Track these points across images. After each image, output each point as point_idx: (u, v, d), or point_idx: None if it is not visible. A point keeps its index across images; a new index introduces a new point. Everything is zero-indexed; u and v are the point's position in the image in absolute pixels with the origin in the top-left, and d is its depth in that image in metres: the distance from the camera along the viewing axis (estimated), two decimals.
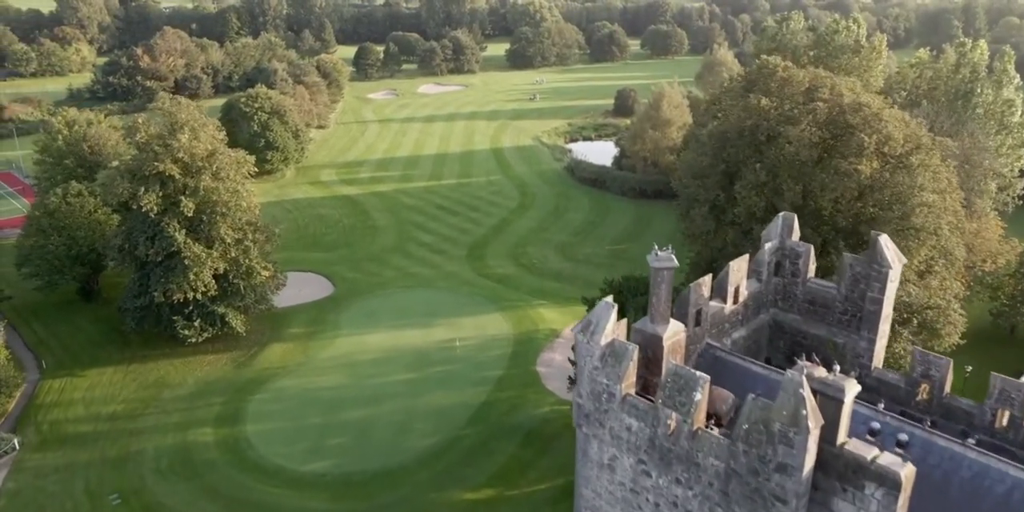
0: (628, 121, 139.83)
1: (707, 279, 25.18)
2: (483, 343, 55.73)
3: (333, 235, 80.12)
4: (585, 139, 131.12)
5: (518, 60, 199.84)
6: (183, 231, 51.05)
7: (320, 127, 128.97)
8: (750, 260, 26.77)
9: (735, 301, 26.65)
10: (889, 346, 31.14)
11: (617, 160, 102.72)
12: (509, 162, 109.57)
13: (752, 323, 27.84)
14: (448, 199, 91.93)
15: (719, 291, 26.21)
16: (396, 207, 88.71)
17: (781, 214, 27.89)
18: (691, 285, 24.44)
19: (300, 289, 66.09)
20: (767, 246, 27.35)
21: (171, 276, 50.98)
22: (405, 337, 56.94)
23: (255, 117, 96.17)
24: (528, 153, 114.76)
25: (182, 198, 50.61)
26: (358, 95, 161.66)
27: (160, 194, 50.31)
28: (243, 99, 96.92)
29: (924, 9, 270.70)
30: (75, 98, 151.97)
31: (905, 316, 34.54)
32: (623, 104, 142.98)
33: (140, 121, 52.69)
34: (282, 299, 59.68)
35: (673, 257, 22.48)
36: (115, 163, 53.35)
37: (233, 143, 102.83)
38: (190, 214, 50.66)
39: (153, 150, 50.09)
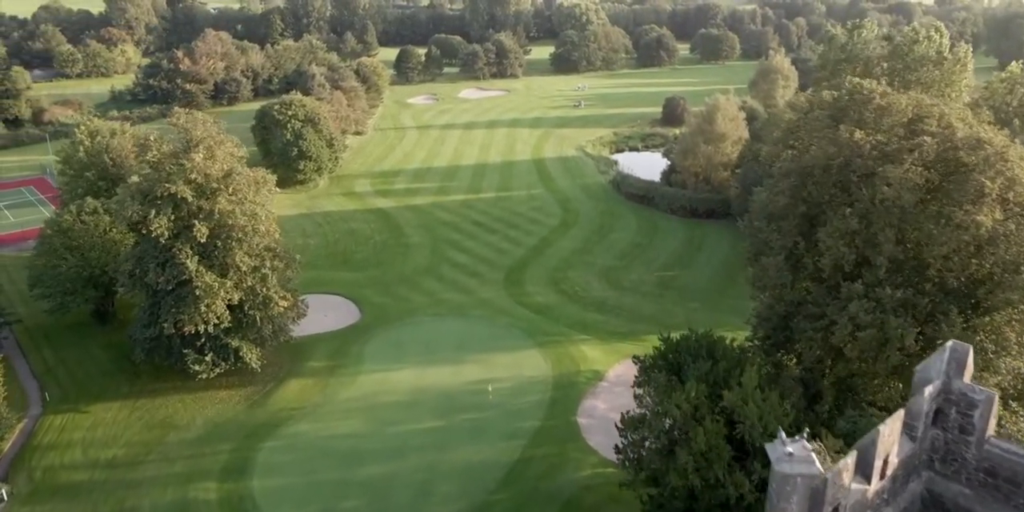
0: (677, 131, 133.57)
1: (850, 462, 18.57)
2: (518, 386, 50.54)
3: (364, 253, 75.80)
4: (631, 149, 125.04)
5: (563, 64, 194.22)
6: (195, 258, 47.01)
7: (357, 133, 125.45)
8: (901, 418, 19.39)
9: (882, 476, 19.92)
10: None
11: (666, 175, 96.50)
12: (551, 174, 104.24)
13: (900, 499, 20.85)
14: (486, 215, 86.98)
15: (862, 466, 19.28)
16: (431, 223, 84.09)
17: (949, 344, 21.29)
18: (829, 475, 17.72)
19: (325, 314, 61.84)
20: (927, 391, 20.32)
21: (182, 306, 47.02)
22: (433, 375, 52.08)
23: (288, 125, 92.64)
24: (572, 164, 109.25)
25: (195, 222, 46.56)
26: (398, 99, 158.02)
27: (172, 217, 46.32)
28: (277, 106, 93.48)
29: (992, 13, 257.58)
30: (117, 100, 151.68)
31: None
32: (672, 113, 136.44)
33: (152, 138, 48.86)
34: (305, 326, 55.31)
35: (813, 456, 16.25)
36: (134, 178, 49.50)
37: (266, 151, 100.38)
38: (203, 240, 46.57)
39: (166, 170, 46.13)
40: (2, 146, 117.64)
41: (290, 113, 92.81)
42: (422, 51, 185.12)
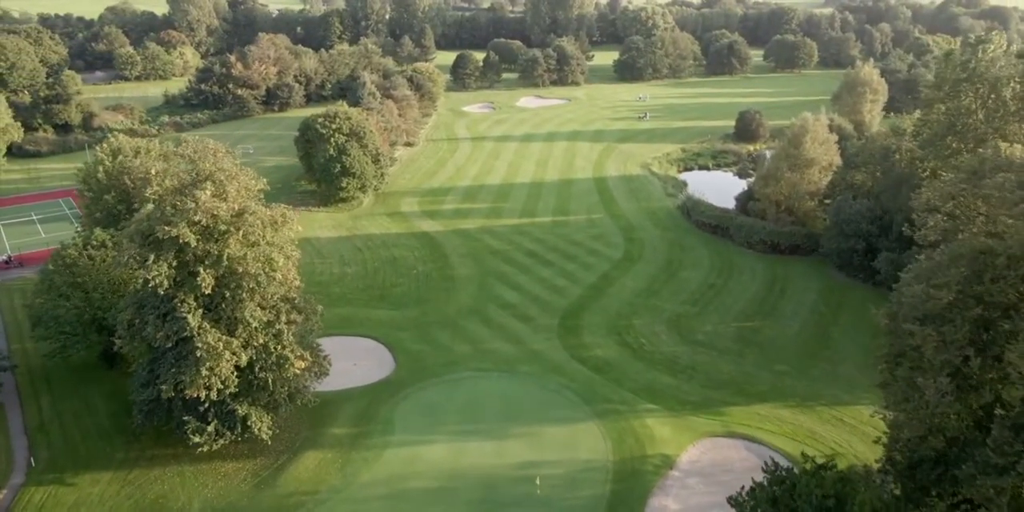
0: (751, 148, 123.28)
1: None
2: (572, 475, 42.21)
3: (404, 286, 68.51)
4: (701, 168, 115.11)
5: (627, 72, 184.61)
6: (199, 312, 40.20)
7: (408, 144, 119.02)
8: None
9: None
10: None
11: (742, 202, 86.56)
12: (614, 196, 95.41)
13: None
14: (541, 244, 78.77)
15: None
16: (480, 252, 76.34)
17: None
18: None
19: (355, 363, 54.81)
20: None
21: (183, 367, 40.32)
22: (472, 453, 44.19)
23: (332, 139, 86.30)
24: (636, 185, 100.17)
25: (200, 269, 39.69)
26: (453, 107, 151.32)
27: (174, 264, 39.58)
28: (320, 119, 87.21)
29: None
30: (170, 105, 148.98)
31: None
32: (746, 127, 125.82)
33: (154, 172, 42.35)
34: (331, 378, 48.01)
35: None
36: (149, 206, 42.99)
37: (308, 166, 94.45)
38: (208, 291, 39.70)
39: (168, 208, 39.42)
40: (49, 153, 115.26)
41: (334, 126, 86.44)
42: (480, 56, 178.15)
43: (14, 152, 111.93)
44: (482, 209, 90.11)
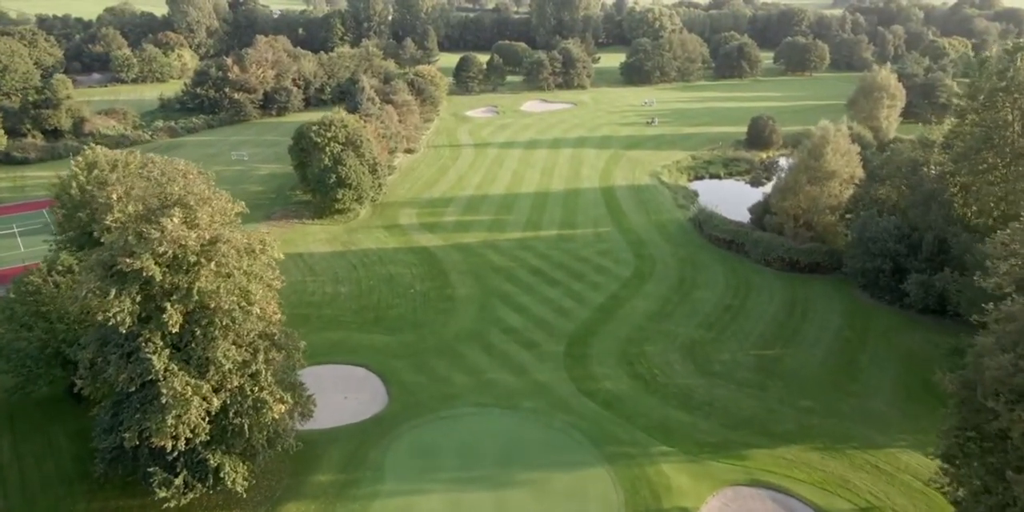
0: (764, 155, 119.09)
1: None
2: None
3: (401, 308, 64.36)
4: (712, 176, 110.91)
5: (634, 75, 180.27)
6: (166, 352, 36.10)
7: (408, 151, 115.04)
8: None
9: None
10: None
11: (757, 215, 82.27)
12: (622, 207, 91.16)
13: None
14: (546, 260, 74.57)
15: None
16: (482, 269, 72.18)
17: None
18: None
19: (345, 396, 50.74)
20: None
21: (148, 413, 36.19)
22: (469, 505, 40.01)
23: (327, 149, 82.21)
24: (645, 196, 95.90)
25: (167, 304, 35.58)
26: (455, 112, 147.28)
27: (138, 299, 35.47)
28: (315, 127, 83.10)
29: None
30: (165, 109, 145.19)
31: None
32: (758, 134, 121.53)
33: (115, 196, 38.24)
34: (319, 412, 43.82)
35: None
36: (109, 235, 38.64)
37: (303, 175, 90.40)
38: (176, 329, 35.59)
39: (131, 237, 35.29)
40: (38, 159, 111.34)
41: (329, 135, 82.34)
42: (484, 58, 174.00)
43: (1, 160, 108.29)
44: (484, 222, 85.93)
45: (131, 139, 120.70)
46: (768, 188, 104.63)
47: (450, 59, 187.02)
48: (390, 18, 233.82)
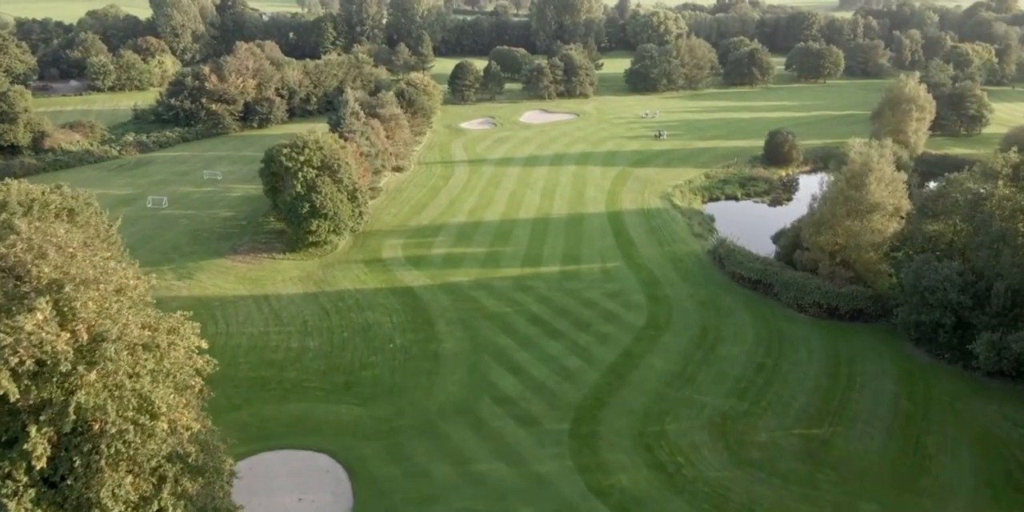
0: (783, 173, 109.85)
1: None
2: None
3: (377, 368, 54.81)
4: (728, 198, 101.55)
5: (639, 83, 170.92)
6: (31, 492, 26.56)
7: (396, 169, 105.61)
8: None
9: None
10: None
11: (786, 249, 72.90)
12: (631, 237, 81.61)
13: None
14: (547, 304, 65.03)
15: None
16: (473, 316, 62.65)
17: None
18: None
19: (300, 497, 41.20)
20: None
21: None
22: None
23: (299, 174, 72.71)
24: (657, 222, 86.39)
25: (32, 427, 26.09)
26: (450, 123, 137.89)
27: None
28: (286, 150, 73.56)
29: None
30: (139, 120, 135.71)
31: None
32: (777, 150, 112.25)
33: None
34: None
35: None
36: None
37: (274, 203, 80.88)
38: (42, 463, 26.07)
39: None
40: None
41: (302, 159, 72.80)
42: (482, 65, 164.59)
43: None
44: (477, 255, 76.40)
45: (96, 155, 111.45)
46: (790, 208, 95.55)
47: (446, 65, 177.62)
48: (384, 21, 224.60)
